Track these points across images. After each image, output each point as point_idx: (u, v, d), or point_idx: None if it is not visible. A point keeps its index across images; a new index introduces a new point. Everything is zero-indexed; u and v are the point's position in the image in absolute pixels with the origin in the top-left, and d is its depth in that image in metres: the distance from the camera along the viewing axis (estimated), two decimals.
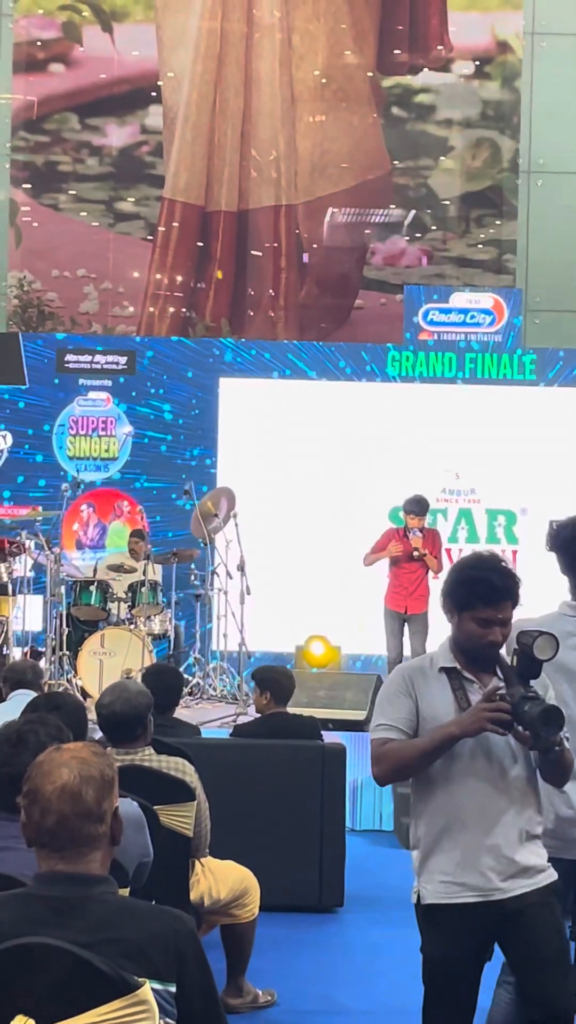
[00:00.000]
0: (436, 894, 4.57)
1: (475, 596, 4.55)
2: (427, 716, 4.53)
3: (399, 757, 4.48)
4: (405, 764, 4.50)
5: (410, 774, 4.56)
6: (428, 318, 16.12)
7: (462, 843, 4.51)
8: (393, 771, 4.53)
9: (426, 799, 4.57)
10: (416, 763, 4.48)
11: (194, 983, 3.31)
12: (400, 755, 4.48)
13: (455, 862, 4.53)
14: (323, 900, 8.96)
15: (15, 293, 17.87)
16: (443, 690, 4.56)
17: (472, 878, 4.51)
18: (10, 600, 13.46)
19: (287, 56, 17.95)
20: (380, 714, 4.60)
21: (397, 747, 4.49)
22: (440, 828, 4.54)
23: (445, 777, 4.51)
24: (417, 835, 4.64)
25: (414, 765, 4.50)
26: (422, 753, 4.46)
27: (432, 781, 4.53)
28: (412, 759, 4.48)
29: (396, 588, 13.58)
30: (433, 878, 4.58)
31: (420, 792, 4.59)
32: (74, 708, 5.78)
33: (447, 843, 4.54)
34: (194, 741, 8.31)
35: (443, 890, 4.54)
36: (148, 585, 13.70)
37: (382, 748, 4.52)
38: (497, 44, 18.12)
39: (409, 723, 4.52)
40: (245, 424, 16.11)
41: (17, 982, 3.11)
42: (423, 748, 4.46)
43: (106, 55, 18.16)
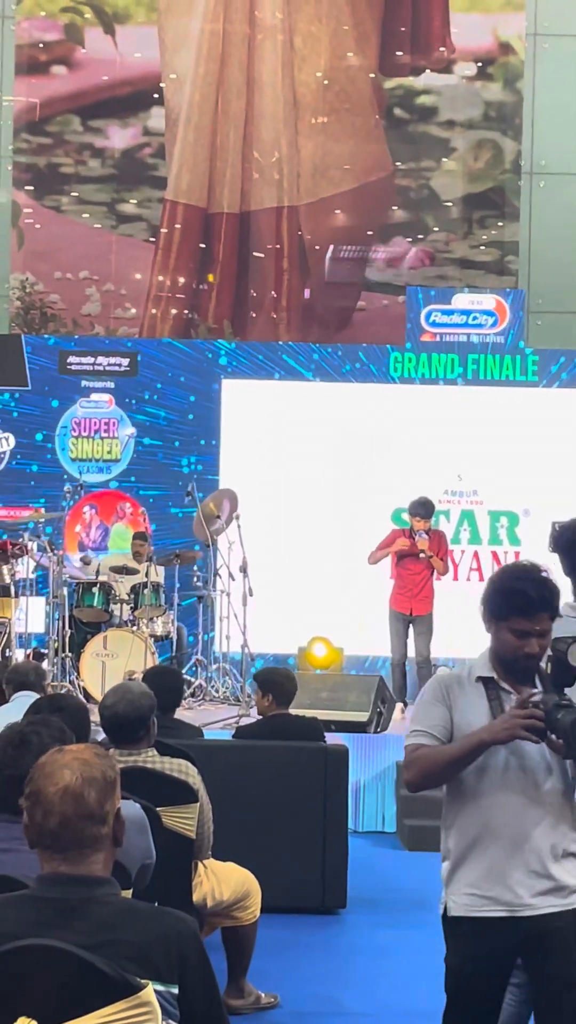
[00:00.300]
0: (462, 907, 4.49)
1: (511, 607, 4.41)
2: (461, 725, 4.44)
3: (429, 763, 4.42)
4: (435, 770, 4.43)
5: (440, 780, 4.49)
6: (430, 319, 16.12)
7: (491, 856, 4.44)
8: (423, 777, 4.46)
9: (457, 810, 4.51)
10: (446, 769, 4.42)
11: (196, 985, 3.31)
12: (430, 761, 4.42)
13: (483, 875, 4.45)
14: (325, 902, 8.96)
15: (17, 295, 17.88)
16: (479, 700, 4.47)
17: (500, 892, 4.43)
18: (12, 602, 13.47)
19: (289, 58, 17.95)
20: (415, 721, 4.53)
21: (428, 753, 4.43)
22: (470, 840, 4.47)
23: (477, 788, 4.44)
24: (447, 846, 4.57)
25: (444, 771, 4.43)
26: (452, 759, 4.39)
27: (464, 792, 4.46)
28: (442, 765, 4.41)
29: (401, 590, 13.57)
30: (460, 890, 4.50)
31: (452, 803, 4.53)
32: (76, 710, 5.79)
33: (476, 855, 4.46)
34: (196, 742, 8.31)
35: (469, 903, 4.47)
36: (150, 587, 13.70)
37: (413, 754, 4.47)
38: (499, 45, 18.12)
39: (443, 731, 4.45)
40: (247, 426, 16.11)
41: (20, 984, 3.11)
42: (453, 754, 4.38)
43: (108, 57, 18.16)
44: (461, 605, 14.82)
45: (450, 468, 15.90)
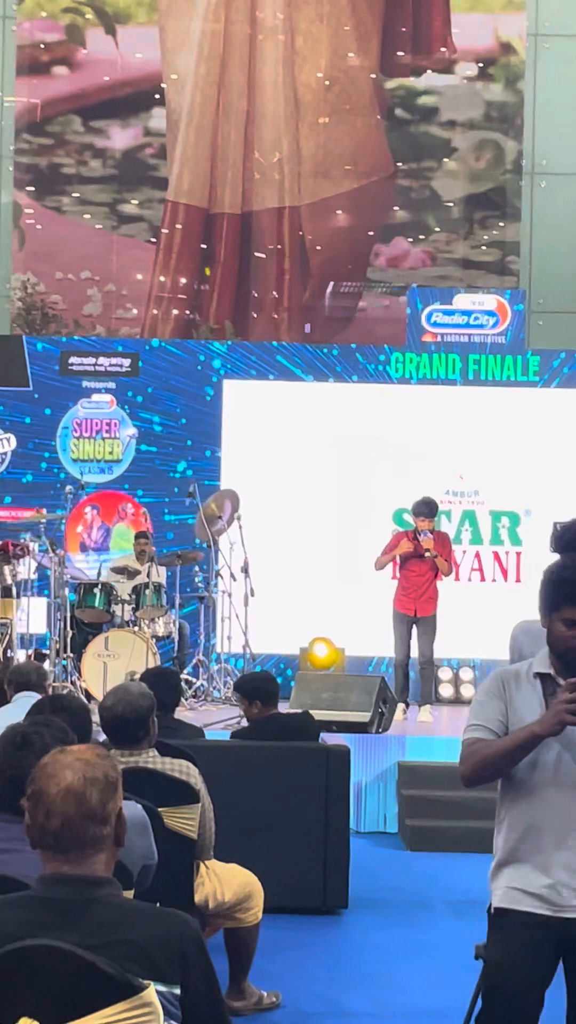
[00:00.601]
0: (504, 899, 4.44)
1: (560, 597, 4.42)
2: (515, 721, 4.40)
3: (482, 756, 4.37)
4: (488, 763, 4.38)
5: (494, 774, 4.44)
6: (432, 320, 16.13)
7: (537, 854, 4.40)
8: (476, 770, 4.41)
9: (508, 807, 4.48)
10: (499, 763, 4.37)
11: (198, 985, 3.30)
12: (483, 754, 4.38)
13: (528, 873, 4.41)
14: (327, 902, 8.96)
15: (19, 295, 17.89)
16: (533, 695, 4.43)
17: (544, 891, 4.38)
18: (14, 602, 13.47)
19: (290, 58, 17.96)
20: (472, 715, 4.49)
21: (482, 747, 4.39)
22: (517, 838, 4.44)
23: (527, 786, 4.41)
24: (497, 843, 4.54)
25: (497, 764, 4.38)
26: (504, 752, 4.34)
27: (515, 789, 4.43)
28: (495, 758, 4.36)
29: (405, 591, 13.55)
30: (503, 884, 4.46)
31: (503, 800, 4.50)
32: (78, 710, 5.79)
33: (523, 853, 4.43)
34: (198, 743, 8.31)
35: (512, 896, 4.42)
36: (152, 587, 13.70)
37: (469, 748, 4.43)
38: (500, 45, 18.13)
39: (499, 724, 4.40)
40: (248, 426, 16.12)
41: (22, 984, 3.11)
42: (505, 747, 4.34)
43: (109, 57, 18.17)
44: (463, 605, 14.86)
45: (451, 468, 15.91)
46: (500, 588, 15.89)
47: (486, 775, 4.43)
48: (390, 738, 12.11)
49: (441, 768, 11.70)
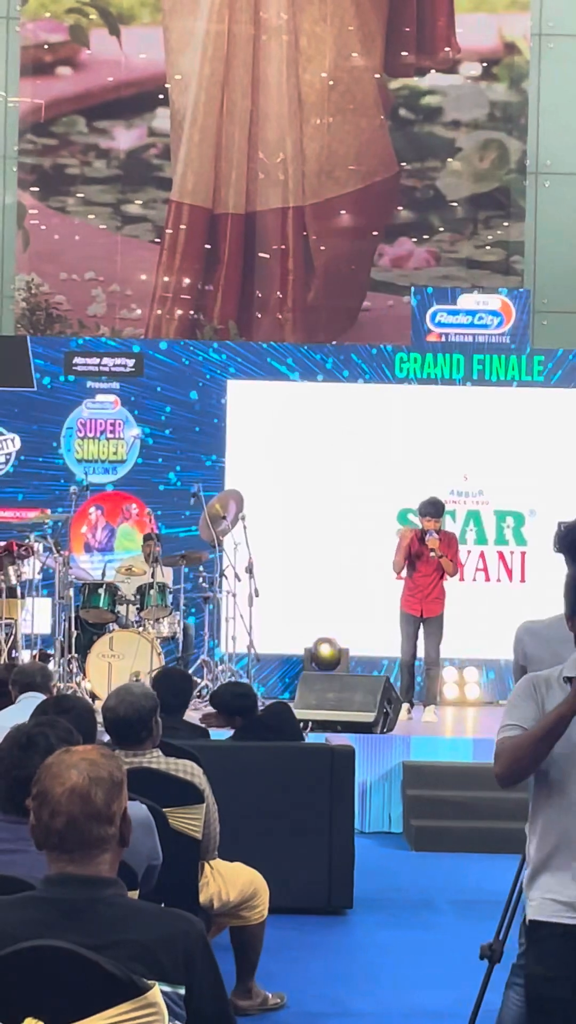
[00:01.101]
0: (539, 910, 4.33)
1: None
2: None
3: (514, 750, 4.27)
4: (520, 755, 4.26)
5: (527, 766, 4.30)
6: (436, 320, 16.13)
7: (573, 863, 4.28)
8: (510, 764, 4.30)
9: (540, 815, 4.37)
10: (531, 752, 4.24)
11: (203, 985, 3.30)
12: (515, 746, 4.27)
13: (563, 882, 4.29)
14: (332, 902, 8.96)
15: (23, 296, 17.89)
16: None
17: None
18: (19, 603, 13.48)
19: (294, 58, 17.96)
20: (505, 717, 4.41)
21: (512, 742, 4.30)
22: (552, 846, 4.32)
23: (560, 792, 4.31)
24: (530, 851, 4.42)
25: (529, 755, 4.25)
26: (535, 739, 4.22)
27: (547, 796, 4.33)
28: (526, 748, 4.24)
29: (411, 591, 13.54)
30: (539, 895, 4.34)
31: (535, 808, 4.40)
32: (83, 711, 5.79)
33: (558, 862, 4.31)
34: (202, 743, 8.31)
35: (547, 907, 4.31)
36: (157, 587, 13.70)
37: (500, 746, 4.34)
38: (504, 45, 18.12)
39: (533, 724, 4.30)
40: (253, 426, 16.12)
41: (26, 985, 3.11)
42: (534, 735, 4.23)
43: (113, 58, 18.17)
44: (468, 606, 14.86)
45: (456, 468, 15.91)
46: (505, 588, 15.89)
47: (519, 768, 4.31)
48: (395, 738, 12.11)
49: (446, 768, 11.72)
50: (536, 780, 4.37)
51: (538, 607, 4.80)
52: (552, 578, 6.08)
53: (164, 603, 13.78)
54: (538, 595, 14.95)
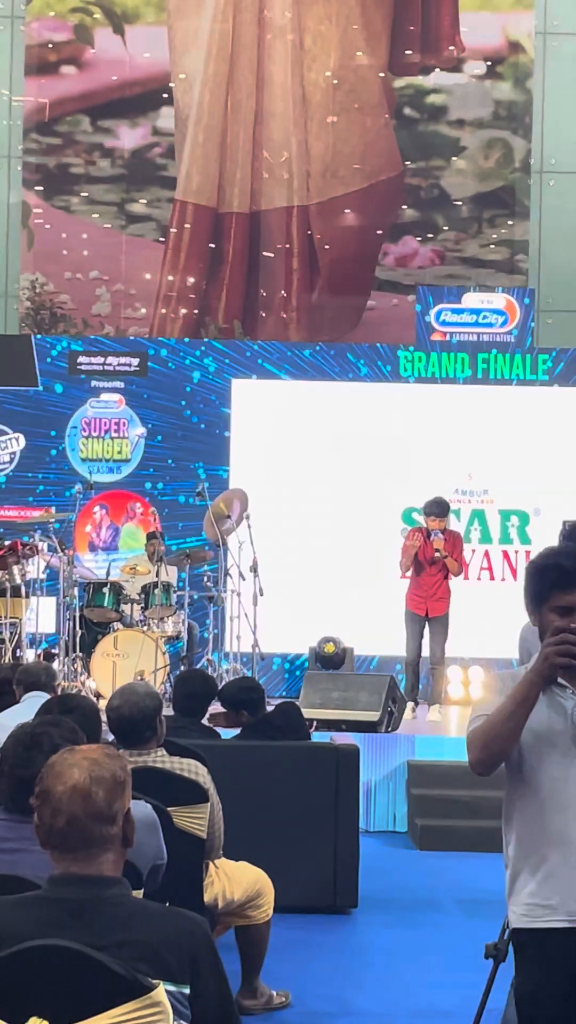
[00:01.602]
0: (522, 918, 4.15)
1: (547, 583, 4.17)
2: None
3: (485, 730, 4.09)
4: (494, 733, 4.07)
5: (502, 744, 4.09)
6: (440, 319, 16.12)
7: (552, 862, 4.13)
8: (483, 747, 4.10)
9: (515, 814, 4.24)
10: (504, 726, 4.04)
11: (208, 985, 3.30)
12: (486, 728, 4.09)
13: (544, 883, 4.12)
14: (337, 901, 8.96)
15: (27, 295, 17.89)
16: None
17: (562, 900, 4.11)
18: (23, 602, 13.48)
19: (299, 57, 17.95)
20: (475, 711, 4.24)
21: (482, 724, 4.12)
22: (529, 846, 4.17)
23: (534, 789, 4.17)
24: (507, 853, 4.27)
25: (502, 731, 4.05)
26: (506, 714, 4.04)
27: (522, 794, 4.20)
28: (499, 725, 4.05)
29: (417, 590, 13.54)
30: (520, 900, 4.17)
31: (509, 806, 4.26)
32: (88, 710, 5.79)
33: (535, 862, 4.16)
34: (207, 742, 8.30)
35: (529, 913, 4.14)
36: (161, 587, 13.70)
37: (471, 734, 4.16)
38: (509, 44, 18.11)
39: None
40: (257, 425, 16.12)
41: (31, 984, 3.11)
42: (505, 709, 4.05)
43: (118, 57, 18.17)
44: (472, 605, 14.85)
45: (460, 467, 15.90)
46: (509, 587, 15.86)
47: (495, 748, 4.11)
48: (400, 737, 12.11)
49: (451, 767, 11.71)
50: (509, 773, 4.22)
51: None
52: None
53: (168, 602, 13.78)
54: None
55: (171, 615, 13.93)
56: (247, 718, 8.84)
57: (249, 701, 8.83)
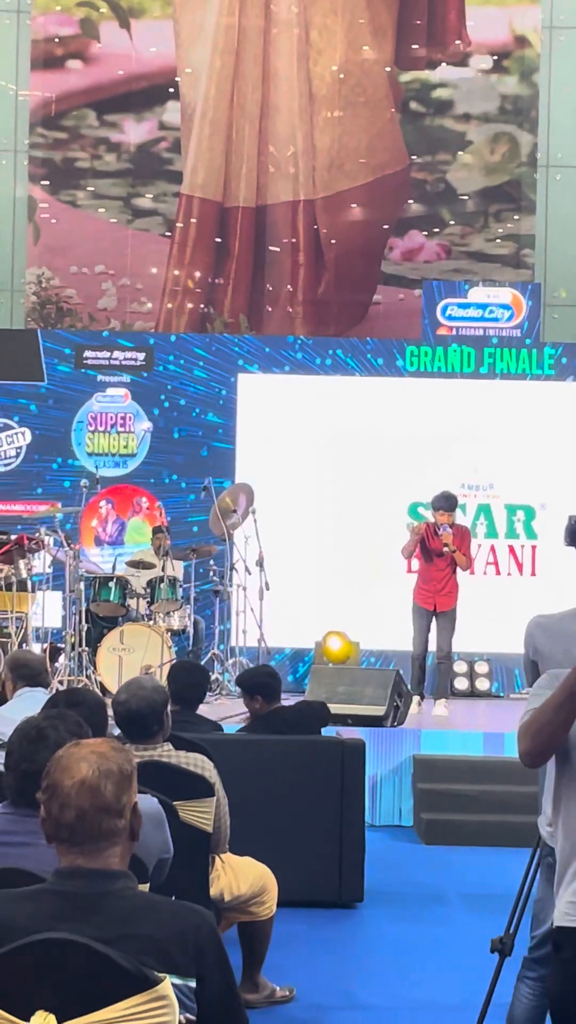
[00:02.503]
0: (563, 916, 4.06)
1: None
2: None
3: (533, 721, 4.03)
4: (543, 723, 4.00)
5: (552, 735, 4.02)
6: (446, 313, 16.11)
7: None
8: (533, 736, 4.03)
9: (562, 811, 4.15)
10: (554, 716, 3.98)
11: (214, 978, 3.31)
12: (536, 717, 4.03)
13: None
14: (343, 895, 8.97)
15: (33, 290, 17.90)
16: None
17: None
18: (29, 596, 13.48)
19: (305, 51, 17.94)
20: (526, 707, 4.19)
21: (530, 716, 4.07)
22: (572, 845, 4.09)
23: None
24: (558, 850, 4.17)
25: (553, 719, 3.98)
26: (557, 703, 3.99)
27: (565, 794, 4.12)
28: (548, 713, 3.99)
29: (425, 584, 13.54)
30: (563, 899, 4.07)
31: (557, 803, 4.17)
32: (94, 704, 5.79)
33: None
34: (213, 737, 8.31)
35: (571, 911, 4.04)
36: (167, 581, 13.71)
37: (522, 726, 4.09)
38: (515, 38, 18.10)
39: None
40: (263, 420, 16.11)
41: (37, 978, 3.11)
42: (556, 697, 3.99)
43: (124, 51, 18.17)
44: (478, 599, 14.84)
45: (466, 462, 15.89)
46: (515, 582, 15.87)
47: (543, 738, 4.04)
48: (405, 732, 12.11)
49: (456, 762, 11.72)
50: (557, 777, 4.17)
51: (549, 601, 4.77)
52: (563, 572, 6.08)
53: (174, 597, 13.79)
54: (549, 589, 14.95)
55: (177, 609, 13.93)
56: (261, 704, 8.86)
57: (263, 686, 8.87)
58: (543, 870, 5.30)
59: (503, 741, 11.74)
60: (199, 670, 8.77)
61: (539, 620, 5.52)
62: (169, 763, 6.16)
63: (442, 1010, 6.96)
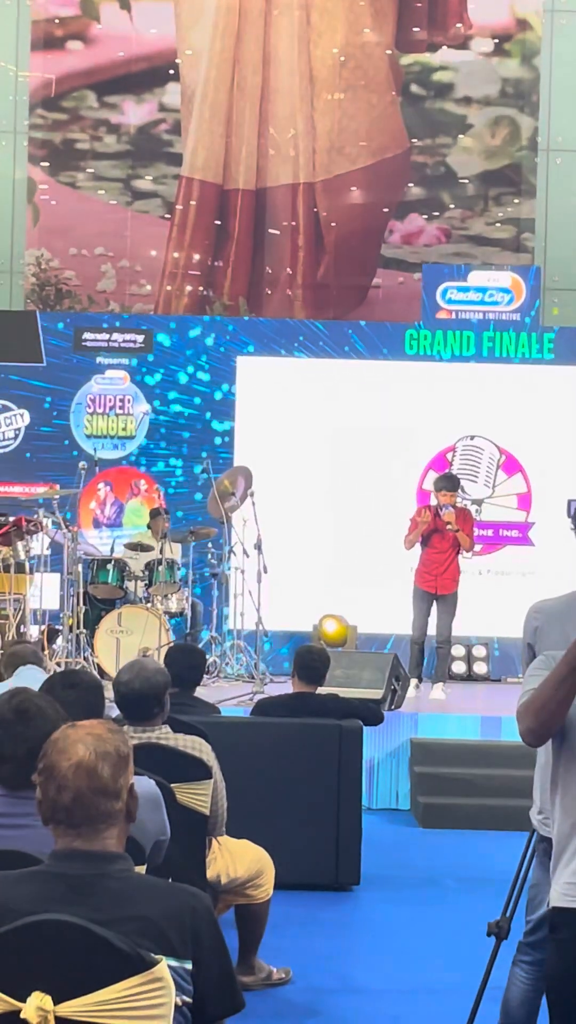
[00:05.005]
0: (560, 896, 4.08)
1: None
2: None
3: (534, 699, 4.03)
4: (544, 699, 4.00)
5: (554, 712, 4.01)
6: (446, 297, 16.10)
7: None
8: (535, 714, 4.03)
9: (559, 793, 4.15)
10: (553, 693, 3.99)
11: (211, 960, 3.31)
12: (535, 698, 4.03)
13: None
14: (339, 878, 8.98)
15: (33, 271, 17.87)
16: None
17: None
18: (27, 578, 13.48)
19: (305, 34, 17.89)
20: (523, 687, 4.20)
21: (530, 695, 4.07)
22: (570, 826, 4.10)
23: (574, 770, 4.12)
24: (554, 833, 4.18)
25: (555, 695, 3.98)
26: (555, 681, 3.99)
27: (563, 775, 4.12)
28: (549, 690, 3.99)
29: (426, 567, 13.53)
30: (560, 880, 4.10)
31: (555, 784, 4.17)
32: (91, 686, 5.78)
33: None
34: (211, 719, 8.31)
35: (569, 892, 4.06)
36: (165, 563, 13.71)
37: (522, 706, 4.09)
38: (516, 21, 18.05)
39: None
40: (262, 403, 16.11)
41: (33, 959, 3.11)
42: (554, 676, 4.00)
43: (124, 32, 18.11)
44: (477, 584, 14.86)
45: (465, 445, 15.89)
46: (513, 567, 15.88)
47: (547, 714, 4.03)
48: (403, 715, 12.12)
49: (454, 745, 11.74)
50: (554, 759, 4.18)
51: (548, 585, 4.77)
52: (562, 558, 6.08)
53: (172, 579, 13.79)
54: (547, 573, 14.94)
55: (175, 592, 13.93)
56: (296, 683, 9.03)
57: (301, 666, 9.03)
58: (538, 855, 5.31)
59: (500, 725, 11.76)
60: (196, 652, 8.79)
61: (540, 605, 5.53)
62: (167, 745, 6.17)
63: (438, 993, 6.96)
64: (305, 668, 9.02)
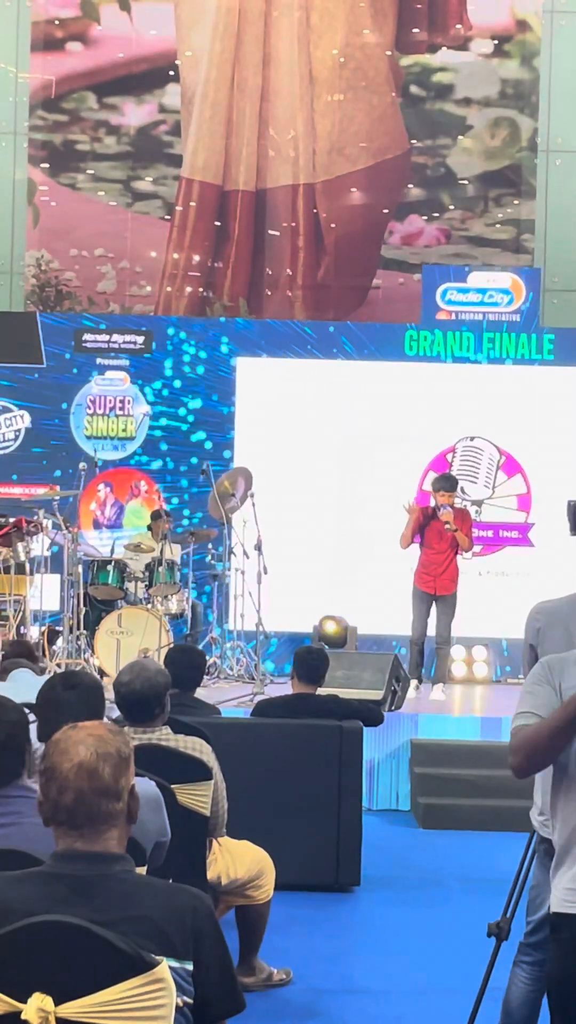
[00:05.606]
0: (560, 902, 4.08)
1: None
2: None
3: (532, 741, 4.00)
4: (539, 745, 3.99)
5: (546, 756, 4.05)
6: (446, 298, 16.10)
7: None
8: (527, 757, 4.03)
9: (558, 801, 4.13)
10: (550, 741, 3.98)
11: (211, 961, 3.32)
12: (532, 738, 4.00)
13: None
14: (340, 879, 8.98)
15: (33, 272, 17.87)
16: None
17: None
18: (27, 579, 13.49)
19: (305, 35, 17.89)
20: (520, 705, 4.16)
21: (528, 731, 4.01)
22: (570, 832, 4.08)
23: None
24: (555, 839, 4.17)
25: (548, 744, 3.99)
26: (553, 729, 3.95)
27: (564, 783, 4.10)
28: (545, 738, 3.98)
29: (425, 568, 13.53)
30: (561, 884, 4.09)
31: (555, 793, 4.15)
32: (92, 687, 5.78)
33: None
34: (211, 720, 8.31)
35: (568, 898, 4.05)
36: (165, 564, 13.71)
37: (515, 738, 4.07)
38: (516, 22, 18.05)
39: (549, 710, 4.03)
40: (262, 403, 16.11)
41: (34, 960, 3.12)
42: (553, 723, 3.96)
43: (124, 33, 18.12)
44: (476, 585, 14.86)
45: (464, 446, 15.90)
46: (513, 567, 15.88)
47: (540, 760, 4.07)
48: (403, 716, 12.12)
49: (454, 746, 11.74)
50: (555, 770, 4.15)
51: (547, 586, 4.77)
52: (561, 558, 6.08)
53: (172, 580, 13.79)
54: (546, 574, 14.95)
55: (175, 593, 13.94)
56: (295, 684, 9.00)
57: (300, 665, 9.05)
58: (539, 856, 5.31)
59: (500, 726, 11.76)
60: (196, 653, 8.80)
61: (542, 606, 5.54)
62: (167, 746, 6.17)
63: (439, 993, 6.97)
64: (305, 669, 9.03)
